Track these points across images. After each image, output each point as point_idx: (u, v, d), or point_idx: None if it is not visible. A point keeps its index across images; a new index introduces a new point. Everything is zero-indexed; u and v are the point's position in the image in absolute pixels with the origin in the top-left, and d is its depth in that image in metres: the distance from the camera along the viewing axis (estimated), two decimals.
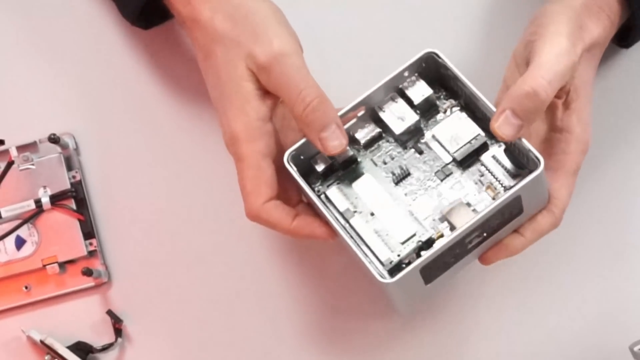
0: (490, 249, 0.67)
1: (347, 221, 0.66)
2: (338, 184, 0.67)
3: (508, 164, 0.66)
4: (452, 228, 0.65)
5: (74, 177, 0.77)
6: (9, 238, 0.76)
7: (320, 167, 0.67)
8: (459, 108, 0.68)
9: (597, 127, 0.74)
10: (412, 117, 0.67)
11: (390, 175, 0.67)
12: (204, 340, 0.76)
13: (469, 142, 0.66)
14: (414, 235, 0.65)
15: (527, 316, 0.74)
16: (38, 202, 0.76)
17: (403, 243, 0.65)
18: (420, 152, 0.68)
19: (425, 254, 0.63)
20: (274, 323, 0.75)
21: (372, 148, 0.68)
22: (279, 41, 0.65)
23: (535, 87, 0.63)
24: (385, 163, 0.68)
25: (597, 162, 0.74)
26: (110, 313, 0.75)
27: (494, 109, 0.64)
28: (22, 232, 0.76)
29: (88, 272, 0.74)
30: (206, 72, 0.68)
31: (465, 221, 0.63)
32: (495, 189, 0.65)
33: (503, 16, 0.78)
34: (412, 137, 0.68)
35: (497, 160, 0.66)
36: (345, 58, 0.78)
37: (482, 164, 0.66)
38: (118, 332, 0.75)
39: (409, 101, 0.67)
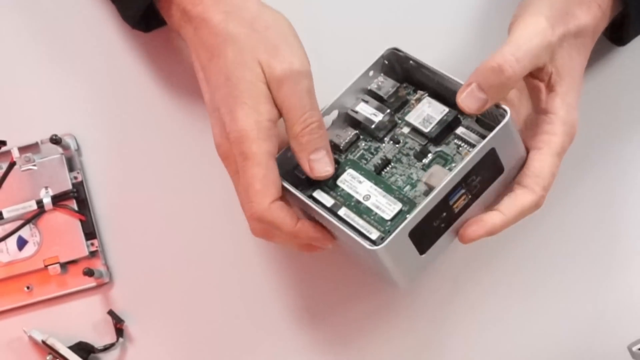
0: (468, 224, 0.66)
1: (336, 214, 0.67)
2: (322, 187, 0.68)
3: (481, 130, 0.67)
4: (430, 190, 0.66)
5: (75, 177, 0.77)
6: (11, 238, 0.76)
7: (304, 174, 0.68)
8: (427, 95, 0.70)
9: (596, 125, 0.74)
10: (384, 111, 0.69)
11: (372, 167, 0.69)
12: (205, 340, 0.76)
13: (441, 119, 0.68)
14: (401, 210, 0.66)
15: (525, 316, 0.74)
16: (40, 203, 0.76)
17: (392, 220, 0.66)
18: (397, 142, 0.69)
19: (410, 216, 0.64)
20: (275, 323, 0.75)
21: (352, 150, 0.70)
22: (298, 61, 0.67)
23: (501, 62, 0.64)
24: (365, 159, 0.69)
25: (595, 161, 0.75)
26: (111, 313, 0.75)
27: (462, 83, 0.66)
28: (24, 232, 0.76)
29: (89, 273, 0.74)
30: (210, 72, 0.68)
31: (440, 179, 0.64)
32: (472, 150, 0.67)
33: (497, 14, 0.78)
34: (387, 131, 0.70)
35: (471, 130, 0.67)
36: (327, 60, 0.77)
37: (457, 137, 0.68)
38: (119, 332, 0.75)
39: (379, 98, 0.70)
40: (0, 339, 0.76)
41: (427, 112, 0.69)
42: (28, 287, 0.76)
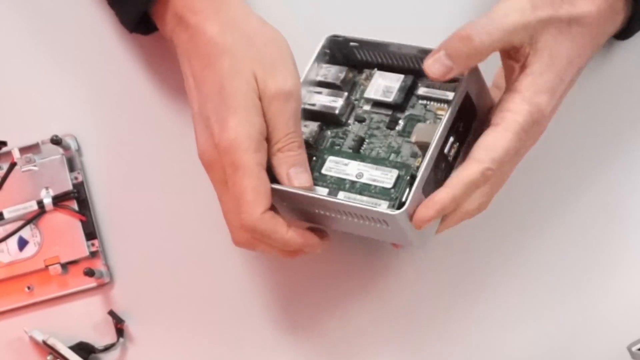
0: (418, 208, 0.65)
1: (336, 198, 0.68)
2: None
3: (442, 85, 0.69)
4: (423, 147, 0.67)
5: (76, 178, 0.77)
6: (12, 239, 0.76)
7: None
8: (376, 69, 0.71)
9: (597, 123, 0.74)
10: (341, 95, 0.70)
11: (348, 150, 0.70)
12: (205, 339, 0.76)
13: (400, 85, 0.70)
14: (399, 176, 0.67)
15: (525, 315, 0.74)
16: (40, 203, 0.76)
17: (394, 187, 0.67)
18: (362, 120, 0.71)
19: (420, 168, 0.65)
20: (276, 322, 0.75)
21: (320, 142, 0.71)
22: (291, 82, 0.68)
23: (470, 32, 0.64)
24: (339, 145, 0.70)
25: (594, 161, 0.74)
26: (112, 313, 0.75)
27: (408, 44, 0.68)
28: (25, 233, 0.76)
29: (90, 273, 0.74)
30: (203, 81, 0.68)
31: (430, 133, 0.66)
32: (443, 105, 0.69)
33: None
34: (349, 114, 0.71)
35: (433, 87, 0.69)
36: None
37: (421, 97, 0.70)
38: (120, 332, 0.75)
39: (331, 86, 0.71)
40: (1, 339, 0.76)
41: (384, 84, 0.70)
42: (29, 288, 0.76)
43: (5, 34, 0.80)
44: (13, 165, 0.75)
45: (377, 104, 0.70)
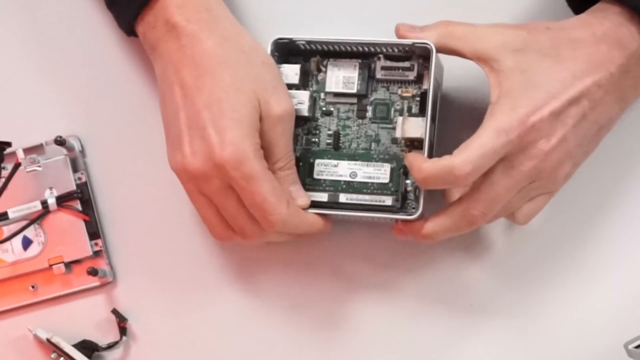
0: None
1: (337, 202, 0.70)
2: (306, 189, 0.71)
3: (398, 64, 0.70)
4: (412, 142, 0.69)
5: (79, 178, 0.77)
6: (16, 238, 0.76)
7: None
8: (329, 61, 0.72)
9: None
10: (304, 95, 0.71)
11: (328, 147, 0.71)
12: (207, 338, 0.76)
13: (359, 73, 0.71)
14: (392, 169, 0.69)
15: (521, 315, 0.74)
16: (44, 203, 0.76)
17: (391, 180, 0.69)
18: (329, 114, 0.72)
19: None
20: (280, 321, 0.76)
21: (296, 142, 0.71)
22: (290, 103, 0.69)
23: (452, 21, 0.68)
24: (315, 142, 0.72)
25: (590, 159, 0.74)
26: (115, 312, 0.76)
27: (354, 39, 0.69)
28: (29, 232, 0.76)
29: (93, 272, 0.75)
30: (197, 90, 0.67)
31: (419, 130, 0.68)
32: (407, 87, 0.70)
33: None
34: (314, 110, 0.72)
35: (388, 68, 0.70)
36: None
37: (380, 81, 0.71)
38: (123, 330, 0.75)
39: (291, 87, 0.71)
40: (6, 337, 0.77)
41: (342, 75, 0.71)
42: (33, 287, 0.77)
43: (9, 37, 0.80)
44: (17, 165, 0.75)
45: (340, 94, 0.71)
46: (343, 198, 0.70)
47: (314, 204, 0.70)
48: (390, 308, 0.75)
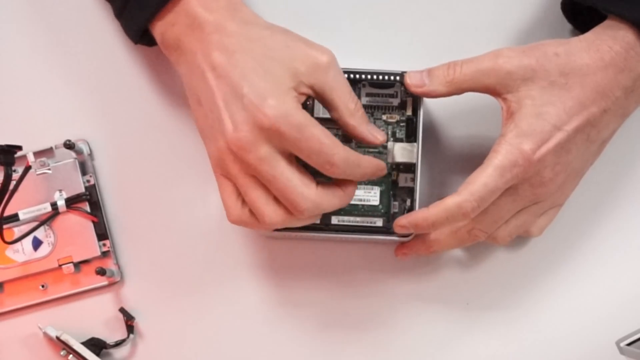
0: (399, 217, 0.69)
1: (328, 225, 0.71)
2: None
3: (377, 90, 0.72)
4: (398, 166, 0.71)
5: (88, 181, 0.77)
6: (27, 239, 0.76)
7: None
8: None
9: None
10: None
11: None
12: (213, 336, 0.76)
13: None
14: (381, 191, 0.71)
15: (514, 313, 0.75)
16: (54, 205, 0.76)
17: (381, 202, 0.71)
18: None
19: (416, 191, 0.70)
20: (285, 320, 0.76)
21: None
22: (327, 49, 0.67)
23: (456, 63, 0.68)
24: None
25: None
26: (122, 310, 0.76)
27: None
28: (39, 233, 0.77)
29: (102, 272, 0.75)
30: (233, 67, 0.65)
31: (409, 154, 0.70)
32: (391, 113, 0.72)
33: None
34: None
35: (373, 95, 0.72)
36: None
37: (365, 106, 0.71)
38: (130, 328, 0.76)
39: None
40: (17, 335, 0.77)
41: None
42: (43, 286, 0.77)
43: (21, 43, 0.79)
44: (28, 168, 0.75)
45: (327, 119, 0.69)
46: (335, 220, 0.71)
47: (306, 227, 0.70)
48: (389, 307, 0.76)
